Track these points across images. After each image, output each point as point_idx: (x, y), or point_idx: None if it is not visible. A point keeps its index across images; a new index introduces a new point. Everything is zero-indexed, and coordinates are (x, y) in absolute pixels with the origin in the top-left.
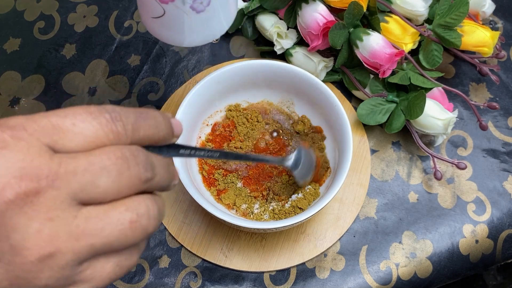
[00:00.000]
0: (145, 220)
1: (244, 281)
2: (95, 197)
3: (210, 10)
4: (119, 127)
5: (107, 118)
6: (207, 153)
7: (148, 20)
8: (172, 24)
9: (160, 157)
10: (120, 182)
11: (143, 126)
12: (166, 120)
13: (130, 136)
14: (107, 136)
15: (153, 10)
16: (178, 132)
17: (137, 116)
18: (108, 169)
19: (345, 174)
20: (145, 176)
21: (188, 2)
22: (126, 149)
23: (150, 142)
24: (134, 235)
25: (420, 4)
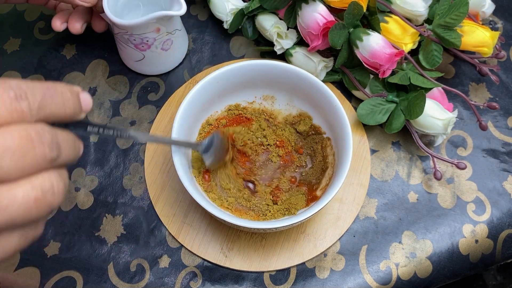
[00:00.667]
0: (50, 196)
1: (244, 281)
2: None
3: (173, 47)
4: (23, 106)
5: (11, 96)
6: (116, 131)
7: (132, 63)
8: (149, 62)
9: (66, 132)
10: (25, 162)
11: (49, 104)
12: (74, 96)
13: (35, 114)
14: (10, 115)
15: (135, 57)
16: (87, 108)
17: (44, 93)
18: (12, 150)
19: (345, 174)
20: (50, 155)
21: (159, 46)
22: (31, 128)
23: (57, 119)
24: (38, 211)
25: (420, 4)
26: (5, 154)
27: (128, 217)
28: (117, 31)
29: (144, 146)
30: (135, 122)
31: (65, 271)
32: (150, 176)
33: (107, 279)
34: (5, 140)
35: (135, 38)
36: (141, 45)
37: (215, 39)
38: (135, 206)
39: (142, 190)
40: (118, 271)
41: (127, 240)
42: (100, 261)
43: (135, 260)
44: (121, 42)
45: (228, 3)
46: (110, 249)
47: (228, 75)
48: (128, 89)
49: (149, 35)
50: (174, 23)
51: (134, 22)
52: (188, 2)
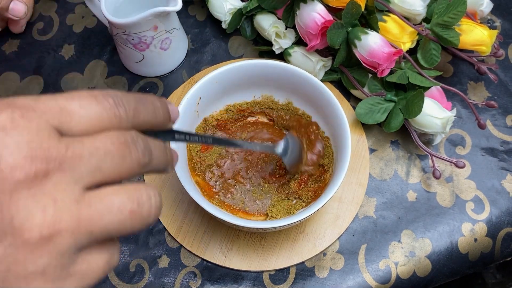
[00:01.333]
0: (145, 210)
1: (243, 280)
2: (98, 181)
3: (172, 47)
4: (121, 112)
5: (111, 103)
6: (200, 138)
7: (132, 65)
8: (149, 63)
9: (157, 141)
10: (122, 167)
11: (142, 112)
12: (164, 105)
13: (131, 121)
14: (110, 121)
15: (135, 58)
16: (175, 118)
17: (137, 101)
18: (112, 154)
19: (344, 173)
20: (143, 161)
21: (158, 45)
22: (128, 135)
23: (148, 127)
24: (132, 225)
25: (418, 3)
26: (105, 158)
27: None
28: (115, 31)
29: None
30: None
31: None
32: (149, 176)
33: (107, 279)
34: (106, 145)
35: (133, 38)
36: (139, 44)
37: (214, 39)
38: None
39: None
40: (117, 271)
41: (126, 240)
42: None
43: (134, 260)
44: (120, 44)
45: (226, 3)
46: None
47: (227, 75)
48: (126, 89)
49: (147, 34)
50: (172, 21)
51: (131, 20)
52: (186, 2)
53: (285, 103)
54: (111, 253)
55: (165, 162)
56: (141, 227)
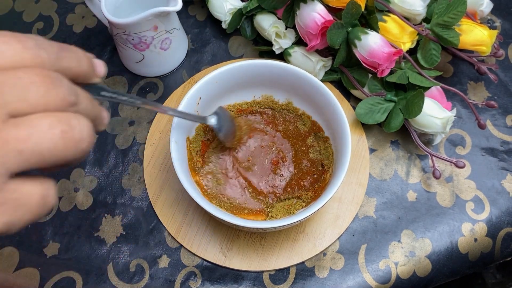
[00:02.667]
0: (77, 132)
1: (243, 280)
2: (24, 110)
3: (172, 47)
4: (43, 53)
5: (32, 43)
6: (129, 98)
7: (132, 65)
8: (149, 63)
9: (83, 90)
10: (48, 98)
11: (66, 58)
12: (87, 57)
13: (53, 63)
14: (32, 60)
15: (135, 58)
16: (100, 71)
17: (60, 47)
18: (36, 84)
19: (344, 173)
20: (69, 98)
21: (158, 45)
22: (52, 72)
23: (72, 76)
24: (66, 148)
25: (418, 3)
26: (30, 87)
27: (127, 217)
28: (116, 31)
29: (143, 147)
30: (134, 122)
31: (65, 271)
32: (149, 176)
33: (107, 279)
34: (30, 76)
35: (133, 38)
36: (139, 44)
37: (214, 39)
38: (134, 206)
39: (141, 190)
40: (117, 271)
41: (126, 240)
42: (100, 262)
43: (134, 260)
44: (120, 44)
45: (226, 3)
46: (109, 249)
47: (227, 75)
48: (126, 89)
49: (147, 34)
50: (172, 21)
51: (131, 20)
52: (186, 2)
53: (285, 103)
54: (45, 188)
55: (94, 111)
56: (74, 153)
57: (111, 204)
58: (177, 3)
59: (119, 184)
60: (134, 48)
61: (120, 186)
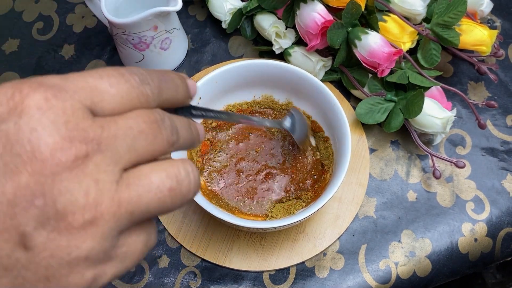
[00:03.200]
0: (185, 186)
1: (243, 280)
2: (134, 160)
3: (172, 47)
4: (147, 90)
5: (137, 81)
6: (216, 114)
7: (132, 65)
8: (149, 63)
9: (181, 117)
10: (154, 145)
11: (165, 89)
12: (183, 82)
13: (156, 99)
14: (138, 99)
15: (135, 58)
16: (193, 93)
17: (160, 79)
18: (145, 133)
19: (344, 173)
20: (172, 139)
21: (158, 45)
22: (156, 113)
23: (170, 105)
24: (172, 202)
25: (418, 3)
26: (139, 137)
27: None
28: (115, 31)
29: None
30: None
31: None
32: None
33: None
34: (138, 124)
35: (133, 37)
36: (139, 44)
37: (214, 39)
38: None
39: None
40: None
41: None
42: None
43: None
44: (120, 44)
45: (226, 3)
46: None
47: (227, 75)
48: None
49: (147, 34)
50: (172, 21)
51: (131, 20)
52: (186, 2)
53: (285, 103)
54: (148, 233)
55: (191, 138)
56: (181, 204)
57: None
58: (177, 3)
59: None
60: (134, 48)
61: None
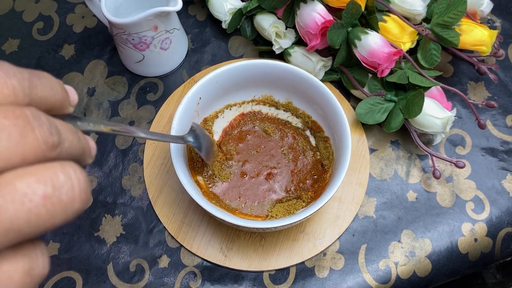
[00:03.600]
0: (65, 193)
1: (243, 280)
2: None
3: (172, 47)
4: (14, 81)
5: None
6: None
7: (132, 65)
8: (149, 63)
9: (63, 121)
10: (25, 146)
11: (39, 85)
12: (60, 84)
13: (27, 93)
14: (1, 92)
15: (135, 58)
16: (74, 100)
17: (31, 73)
18: (7, 131)
19: (344, 173)
20: (51, 139)
21: (158, 45)
22: (26, 108)
23: (48, 107)
24: (51, 215)
25: (418, 3)
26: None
27: (127, 217)
28: (116, 31)
29: (143, 146)
30: (134, 122)
31: (65, 271)
32: (149, 176)
33: (107, 279)
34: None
35: (134, 37)
36: (139, 44)
37: (214, 39)
38: (134, 206)
39: (141, 190)
40: (117, 271)
41: (126, 240)
42: (100, 261)
43: (134, 260)
44: (120, 44)
45: (226, 3)
46: (109, 249)
47: (227, 75)
48: (126, 89)
49: (147, 34)
50: (172, 21)
51: (131, 20)
52: (187, 2)
53: (285, 103)
54: (30, 259)
55: (80, 146)
56: (65, 217)
57: (111, 204)
58: (177, 3)
59: (119, 184)
60: (134, 48)
61: (120, 186)
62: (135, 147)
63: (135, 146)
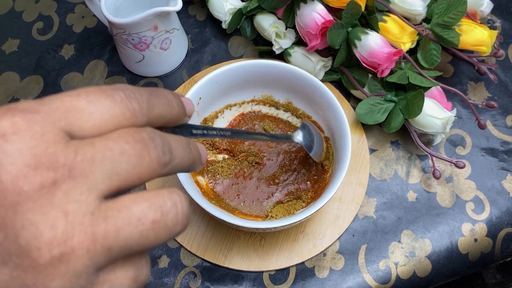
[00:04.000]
0: (171, 218)
1: (243, 280)
2: (115, 186)
3: (172, 47)
4: (134, 104)
5: (122, 96)
6: (219, 132)
7: (132, 65)
8: (149, 63)
9: (177, 136)
10: (141, 168)
11: (156, 104)
12: (177, 98)
13: (146, 114)
14: (123, 115)
15: (135, 58)
16: (190, 111)
17: (150, 94)
18: (127, 155)
19: (344, 173)
20: (164, 159)
21: (158, 45)
22: (143, 131)
23: (164, 122)
24: (157, 237)
25: (418, 3)
26: (121, 159)
27: None
28: (116, 31)
29: None
30: None
31: None
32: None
33: None
34: (119, 145)
35: (133, 37)
36: (139, 44)
37: (214, 39)
38: None
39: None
40: None
41: None
42: None
43: None
44: (120, 44)
45: (226, 3)
46: None
47: (227, 75)
48: None
49: (147, 34)
50: (172, 21)
51: (131, 20)
52: (186, 2)
53: (285, 103)
54: (137, 268)
55: (190, 158)
56: (168, 238)
57: None
58: (177, 3)
59: None
60: (134, 48)
61: None
62: None
63: None
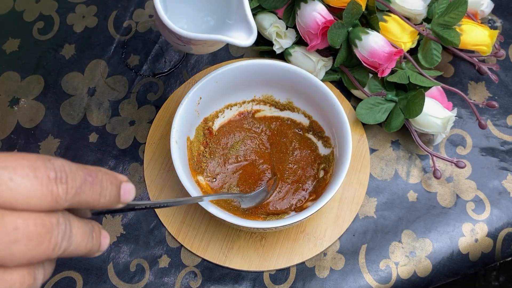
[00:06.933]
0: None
1: (244, 280)
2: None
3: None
4: (60, 190)
5: (51, 177)
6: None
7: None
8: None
9: (83, 223)
10: (36, 252)
11: (86, 192)
12: (114, 187)
13: (69, 200)
14: (44, 198)
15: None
16: (125, 199)
17: (85, 179)
18: (29, 237)
19: (345, 173)
20: (59, 247)
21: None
22: (54, 217)
23: (90, 207)
24: None
25: (419, 3)
26: (22, 239)
27: (127, 217)
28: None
29: (143, 146)
30: (134, 122)
31: (65, 271)
32: (149, 176)
33: (107, 279)
34: (27, 226)
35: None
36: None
37: None
38: None
39: (141, 190)
40: (117, 271)
41: (126, 240)
42: (100, 261)
43: (134, 260)
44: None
45: None
46: (109, 249)
47: (227, 75)
48: (127, 89)
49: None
50: None
51: (200, 37)
52: None
53: (286, 103)
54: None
55: (87, 248)
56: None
57: None
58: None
59: None
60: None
61: None
62: (135, 147)
63: (135, 146)
